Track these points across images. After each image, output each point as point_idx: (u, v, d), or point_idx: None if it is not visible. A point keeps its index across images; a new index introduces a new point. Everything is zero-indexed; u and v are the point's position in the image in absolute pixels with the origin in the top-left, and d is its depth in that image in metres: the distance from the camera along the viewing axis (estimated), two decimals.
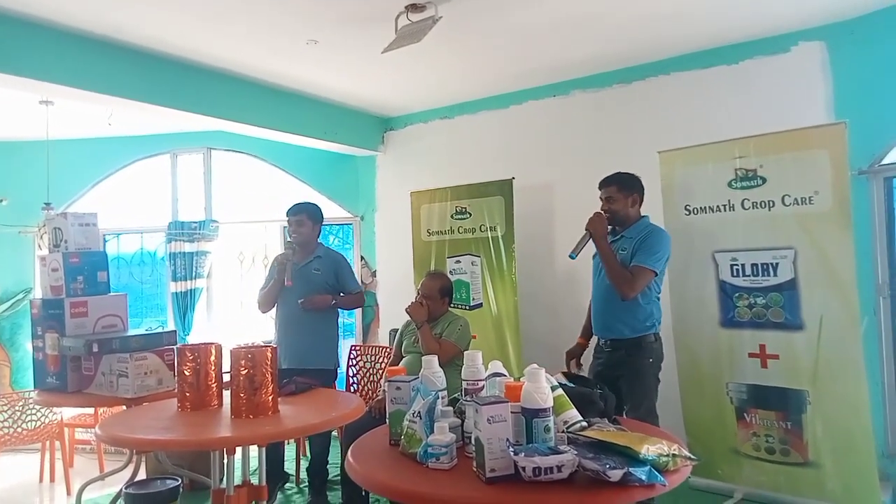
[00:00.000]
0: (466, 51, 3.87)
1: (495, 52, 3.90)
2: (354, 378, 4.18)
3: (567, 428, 1.78)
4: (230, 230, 5.74)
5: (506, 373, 2.05)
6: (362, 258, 5.56)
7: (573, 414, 1.84)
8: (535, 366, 1.98)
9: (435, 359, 1.99)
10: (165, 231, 5.60)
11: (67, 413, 4.49)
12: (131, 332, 3.21)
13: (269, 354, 2.37)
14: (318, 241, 3.73)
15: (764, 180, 3.16)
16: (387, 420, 2.11)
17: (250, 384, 2.32)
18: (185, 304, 5.54)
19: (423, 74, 4.28)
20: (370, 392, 4.06)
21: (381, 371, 4.05)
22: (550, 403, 1.66)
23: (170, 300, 5.60)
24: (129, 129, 5.49)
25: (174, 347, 2.85)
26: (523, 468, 1.49)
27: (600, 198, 3.09)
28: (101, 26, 3.36)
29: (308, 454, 3.69)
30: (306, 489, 3.65)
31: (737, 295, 3.25)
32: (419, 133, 5.22)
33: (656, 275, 2.91)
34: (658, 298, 3.00)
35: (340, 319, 3.85)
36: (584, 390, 1.99)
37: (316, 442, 3.51)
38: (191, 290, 5.55)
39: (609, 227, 3.00)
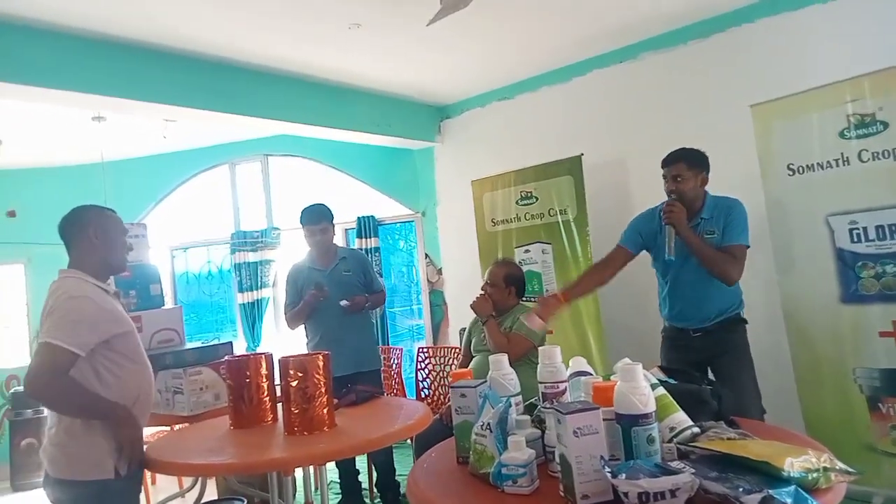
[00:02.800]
0: (519, 22, 3.53)
1: (551, 19, 3.54)
2: (424, 382, 3.91)
3: (675, 437, 1.43)
4: (292, 236, 5.62)
5: (590, 370, 1.71)
6: (427, 256, 5.31)
7: (681, 418, 1.48)
8: (628, 360, 1.63)
9: (504, 358, 1.67)
10: (229, 242, 5.55)
11: (147, 431, 4.45)
12: (188, 345, 3.07)
13: (321, 362, 2.12)
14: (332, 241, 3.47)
15: (885, 125, 2.65)
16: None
17: (302, 396, 2.08)
18: (252, 314, 5.46)
19: (476, 53, 3.98)
20: (441, 397, 3.78)
21: (451, 374, 3.76)
22: (653, 407, 1.32)
23: (238, 312, 5.54)
24: (185, 143, 5.47)
25: (224, 360, 2.66)
26: (625, 493, 1.15)
27: (665, 177, 2.71)
28: (149, 34, 3.26)
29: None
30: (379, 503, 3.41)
31: (860, 264, 2.76)
32: (477, 118, 4.91)
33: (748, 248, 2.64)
34: None
35: (410, 321, 3.60)
36: (690, 387, 1.62)
37: (379, 454, 3.26)
38: (257, 300, 5.47)
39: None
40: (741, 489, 1.10)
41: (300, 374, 2.08)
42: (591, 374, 1.66)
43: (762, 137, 3.02)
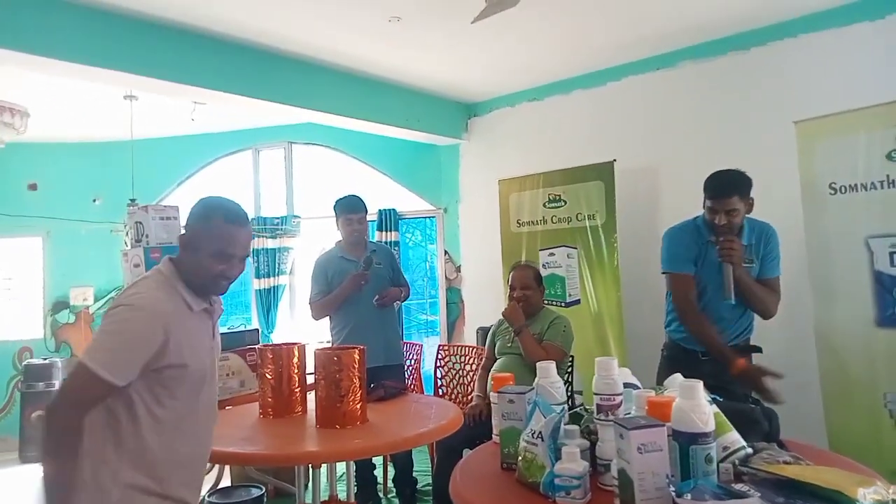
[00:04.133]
0: (557, 23, 3.50)
1: (590, 22, 3.51)
2: (442, 380, 3.90)
3: (727, 457, 1.41)
4: (312, 225, 5.60)
5: (637, 382, 1.70)
6: (446, 252, 5.29)
7: (734, 438, 1.46)
8: (680, 376, 1.61)
9: (552, 366, 1.66)
10: None
11: None
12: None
13: (357, 357, 2.11)
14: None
15: None
16: (493, 436, 1.81)
17: (336, 390, 2.07)
18: (268, 301, 5.45)
19: (510, 52, 3.94)
20: (460, 396, 3.77)
21: (470, 374, 3.75)
22: (713, 426, 1.30)
23: (253, 298, 5.53)
24: (212, 126, 5.46)
25: (256, 348, 2.65)
26: None
27: (714, 209, 2.43)
28: (185, 14, 3.25)
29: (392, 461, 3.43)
30: (395, 500, 3.40)
31: None
32: (506, 118, 4.88)
33: None
34: None
35: (424, 316, 3.60)
36: (742, 406, 1.61)
37: (399, 452, 3.24)
38: (274, 286, 5.46)
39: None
40: None
41: (336, 368, 2.07)
42: (639, 387, 1.64)
43: (805, 155, 2.98)
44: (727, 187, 2.41)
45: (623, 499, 1.24)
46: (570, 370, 3.24)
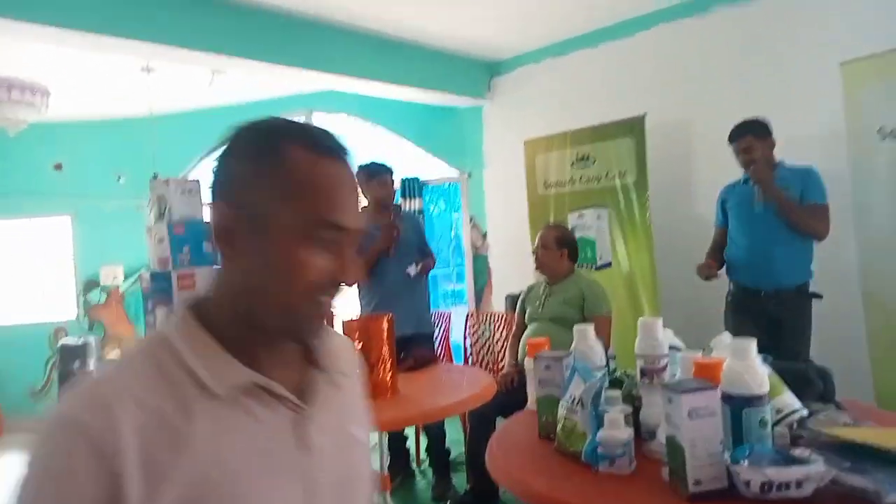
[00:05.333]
0: None
1: None
2: (472, 349, 3.84)
3: (782, 420, 1.32)
4: None
5: (681, 343, 1.61)
6: (471, 219, 5.19)
7: (789, 400, 1.37)
8: (728, 335, 1.52)
9: (591, 329, 1.57)
10: None
11: None
12: None
13: (386, 325, 2.05)
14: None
15: None
16: (529, 402, 1.74)
17: (366, 361, 2.01)
18: None
19: (533, 5, 3.77)
20: (490, 364, 3.71)
21: (500, 342, 3.68)
22: (767, 388, 1.20)
23: None
24: (231, 98, 5.38)
25: None
26: (747, 483, 1.06)
27: (736, 152, 2.85)
28: None
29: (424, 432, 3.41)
30: (427, 471, 3.38)
31: None
32: (530, 76, 4.71)
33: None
34: None
35: (451, 285, 3.53)
36: (796, 366, 1.51)
37: (432, 422, 3.21)
38: None
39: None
40: (888, 486, 0.99)
41: (364, 338, 2.02)
42: (684, 349, 1.55)
43: (851, 98, 2.80)
44: (738, 129, 2.82)
45: (673, 467, 1.17)
46: None
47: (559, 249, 2.98)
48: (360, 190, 2.84)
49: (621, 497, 1.18)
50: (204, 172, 5.73)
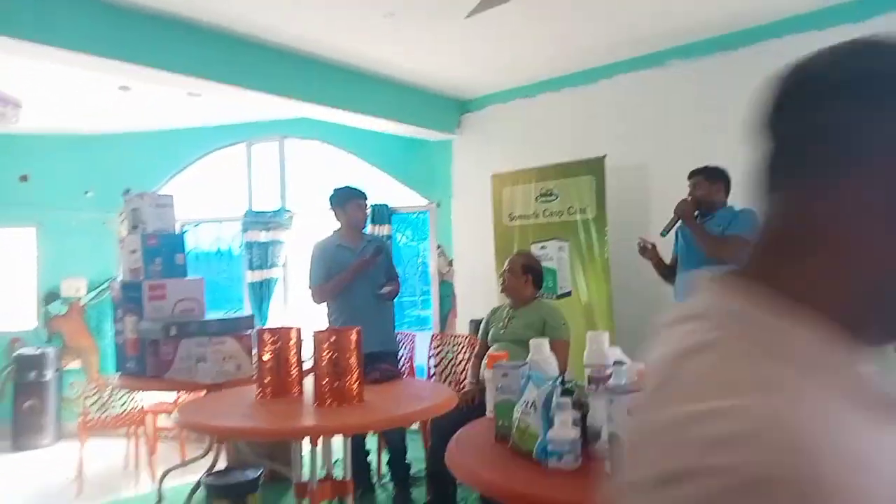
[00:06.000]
0: (548, 23, 3.57)
1: (582, 22, 3.58)
2: (435, 369, 3.96)
3: None
4: (304, 219, 5.65)
5: (627, 359, 1.77)
6: (439, 246, 5.35)
7: None
8: None
9: (546, 343, 1.73)
10: (241, 220, 5.57)
11: (148, 400, 4.49)
12: (209, 316, 3.11)
13: (354, 337, 2.17)
14: None
15: None
16: (487, 411, 1.88)
17: (334, 369, 2.13)
18: (261, 293, 5.48)
19: (503, 50, 4.01)
20: (454, 384, 3.83)
21: (463, 363, 3.81)
22: None
23: (246, 290, 5.56)
24: (205, 120, 5.49)
25: (251, 332, 2.71)
26: None
27: (690, 187, 3.26)
28: (180, 6, 3.28)
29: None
30: (388, 484, 3.46)
31: None
32: (498, 114, 4.95)
33: (747, 243, 2.90)
34: None
35: (416, 311, 3.68)
36: None
37: (394, 434, 3.31)
38: (267, 279, 5.49)
39: (697, 212, 3.18)
40: None
41: (334, 348, 2.13)
42: (628, 363, 1.72)
43: None
44: (696, 170, 3.24)
45: (613, 461, 1.31)
46: None
47: (525, 275, 3.15)
48: (334, 212, 3.01)
49: (567, 487, 1.32)
50: (172, 190, 5.79)
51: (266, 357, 2.32)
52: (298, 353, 2.41)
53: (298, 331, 2.44)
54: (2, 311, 5.76)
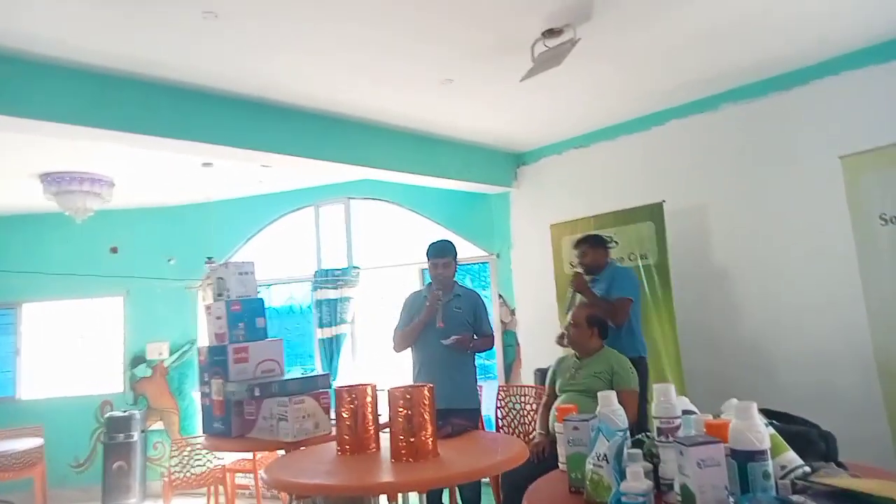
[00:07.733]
0: (602, 74, 3.70)
1: (633, 71, 3.69)
2: (503, 420, 3.99)
3: (786, 475, 1.50)
4: (371, 275, 5.86)
5: (695, 409, 1.79)
6: (500, 296, 5.43)
7: (791, 457, 1.54)
8: (735, 400, 1.71)
9: (613, 395, 1.78)
10: (312, 279, 5.83)
11: (229, 458, 4.69)
12: (287, 376, 3.27)
13: (427, 394, 2.26)
14: (454, 278, 3.66)
15: None
16: (559, 464, 1.92)
17: (409, 426, 2.22)
18: (331, 349, 5.68)
19: (557, 103, 4.16)
20: (521, 435, 3.84)
21: (531, 413, 3.83)
22: (768, 444, 1.40)
23: (317, 346, 5.77)
24: (276, 186, 5.85)
25: (328, 390, 2.84)
26: None
27: (576, 255, 3.73)
28: (254, 87, 3.59)
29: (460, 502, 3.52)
30: None
31: None
32: (553, 165, 5.08)
33: (632, 301, 3.47)
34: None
35: (479, 360, 3.75)
36: (800, 429, 1.68)
37: (468, 488, 3.35)
38: (336, 335, 5.69)
39: (589, 276, 3.60)
40: None
41: (408, 405, 2.23)
42: (697, 413, 1.74)
43: (851, 185, 3.06)
44: (578, 241, 3.75)
45: None
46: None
47: (590, 328, 3.16)
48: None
49: None
50: (248, 255, 6.13)
51: (345, 415, 2.44)
52: (374, 409, 2.51)
53: (374, 388, 2.55)
54: (93, 375, 6.16)
